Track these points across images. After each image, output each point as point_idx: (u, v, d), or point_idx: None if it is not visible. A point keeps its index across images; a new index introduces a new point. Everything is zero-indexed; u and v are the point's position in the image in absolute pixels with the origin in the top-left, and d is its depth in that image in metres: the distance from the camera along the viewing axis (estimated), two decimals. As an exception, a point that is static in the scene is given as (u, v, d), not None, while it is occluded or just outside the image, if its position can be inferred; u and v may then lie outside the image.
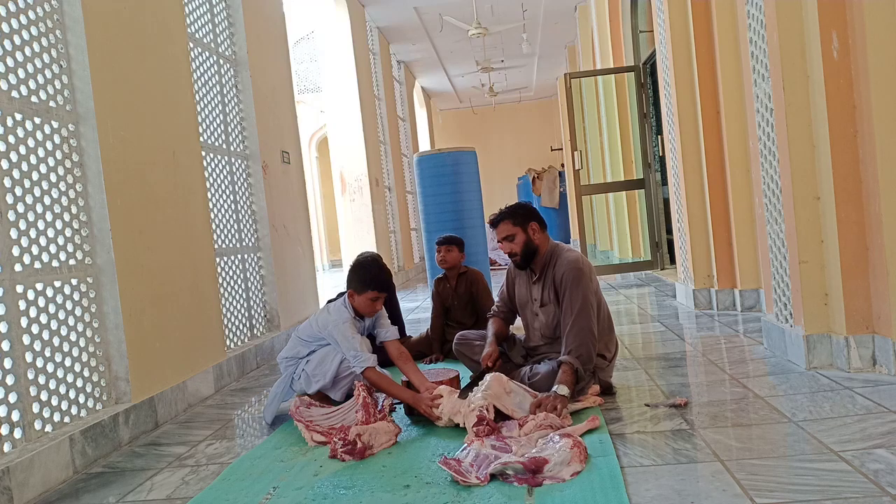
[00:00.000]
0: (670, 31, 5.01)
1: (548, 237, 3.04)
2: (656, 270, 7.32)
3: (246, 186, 4.86)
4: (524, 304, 3.13)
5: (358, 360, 2.89)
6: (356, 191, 9.65)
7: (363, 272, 3.04)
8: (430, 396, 2.74)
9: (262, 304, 4.94)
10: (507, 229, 2.98)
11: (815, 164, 3.05)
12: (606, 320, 3.00)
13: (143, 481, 2.48)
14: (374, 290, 2.99)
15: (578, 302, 2.80)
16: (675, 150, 5.21)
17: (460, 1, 9.77)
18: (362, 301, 3.01)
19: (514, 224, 2.97)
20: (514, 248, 2.97)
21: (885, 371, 2.85)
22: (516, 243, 2.97)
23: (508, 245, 2.98)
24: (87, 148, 3.02)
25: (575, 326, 2.78)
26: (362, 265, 3.08)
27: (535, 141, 19.28)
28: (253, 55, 5.05)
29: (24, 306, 2.59)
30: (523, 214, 3.00)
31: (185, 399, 3.52)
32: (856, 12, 2.83)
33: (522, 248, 2.97)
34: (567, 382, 2.67)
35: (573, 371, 2.71)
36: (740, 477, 1.96)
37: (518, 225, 2.97)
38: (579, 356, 2.74)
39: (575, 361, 2.72)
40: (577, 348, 2.75)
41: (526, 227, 2.97)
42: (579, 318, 2.79)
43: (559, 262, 2.93)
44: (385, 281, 3.04)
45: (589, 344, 2.78)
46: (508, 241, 2.97)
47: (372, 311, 3.04)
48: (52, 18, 2.92)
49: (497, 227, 3.00)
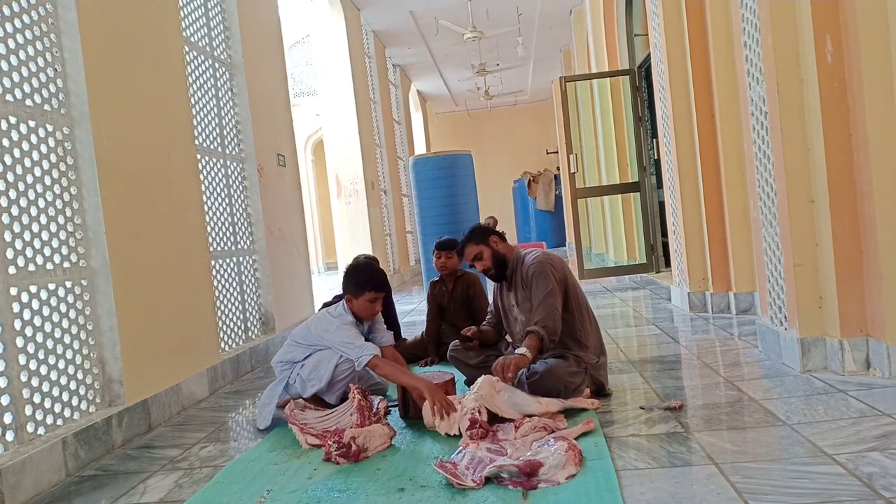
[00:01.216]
0: (665, 35, 5.03)
1: (510, 245, 3.18)
2: (651, 273, 7.33)
3: (241, 189, 4.86)
4: (507, 313, 3.23)
5: (362, 350, 2.88)
6: (352, 194, 9.65)
7: (358, 275, 3.05)
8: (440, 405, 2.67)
9: (257, 306, 4.93)
10: (473, 251, 3.11)
11: (809, 167, 3.06)
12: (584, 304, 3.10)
13: (136, 484, 2.47)
14: (371, 290, 3.00)
15: (544, 289, 2.93)
16: (670, 153, 5.22)
17: (456, 5, 9.79)
18: (361, 303, 3.01)
19: (476, 244, 3.11)
20: (486, 265, 3.10)
21: (879, 374, 2.86)
22: (486, 259, 3.10)
23: (480, 264, 3.11)
24: (81, 151, 3.01)
25: (542, 304, 2.91)
26: (356, 268, 3.10)
27: (530, 144, 19.30)
28: (248, 59, 5.05)
29: (17, 308, 2.58)
30: (481, 232, 3.15)
31: (179, 401, 3.50)
32: (849, 16, 2.84)
33: (493, 262, 3.11)
34: (530, 347, 2.80)
35: (539, 339, 2.83)
36: (735, 480, 1.97)
37: (481, 243, 3.11)
38: (545, 326, 2.86)
39: (541, 330, 2.85)
40: (542, 320, 2.88)
41: (488, 243, 3.11)
42: (546, 298, 2.92)
43: (524, 263, 3.07)
44: (381, 280, 3.05)
45: (555, 318, 2.90)
46: (478, 260, 3.10)
47: (371, 312, 3.03)
48: (46, 22, 2.92)
49: (464, 253, 3.14)
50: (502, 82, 15.65)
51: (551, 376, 2.83)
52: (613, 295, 6.72)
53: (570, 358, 2.93)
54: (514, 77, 15.56)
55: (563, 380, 2.84)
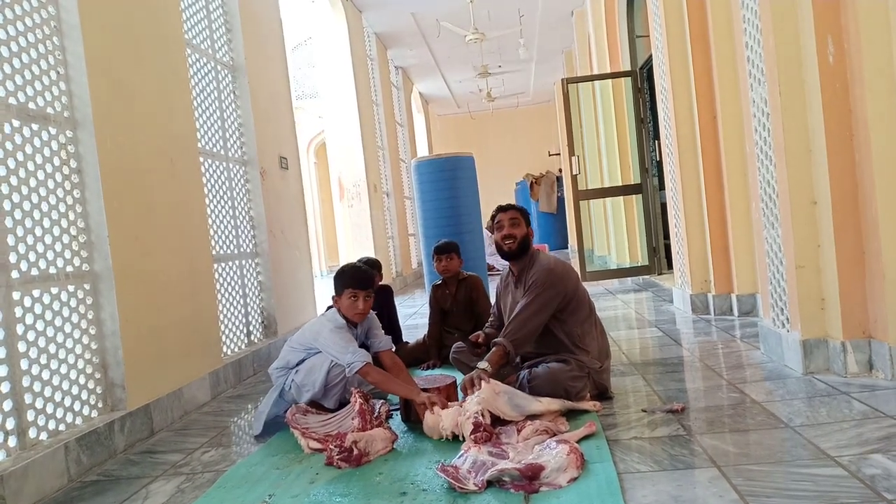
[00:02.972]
0: (667, 36, 5.03)
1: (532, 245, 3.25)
2: (653, 275, 7.32)
3: (244, 192, 4.86)
4: (510, 311, 3.19)
5: (354, 356, 2.88)
6: (354, 196, 9.66)
7: (339, 275, 3.09)
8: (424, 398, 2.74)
9: (260, 310, 4.93)
10: (516, 216, 3.17)
11: (811, 169, 3.06)
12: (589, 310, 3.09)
13: (138, 489, 2.47)
14: (349, 287, 3.01)
15: (536, 305, 2.95)
16: (672, 155, 5.22)
17: (457, 7, 9.79)
18: (344, 303, 3.02)
19: (522, 216, 3.20)
20: (515, 233, 3.13)
21: (881, 376, 2.85)
22: (519, 230, 3.14)
23: (511, 228, 3.12)
24: (84, 154, 3.02)
25: (518, 317, 2.94)
26: (339, 270, 3.13)
27: (532, 146, 19.29)
28: (251, 61, 5.06)
29: (20, 313, 2.58)
30: (527, 217, 3.23)
31: (181, 406, 3.51)
32: (851, 17, 2.84)
33: (522, 238, 3.14)
34: (492, 360, 2.83)
35: (504, 352, 2.86)
36: (737, 482, 1.96)
37: (524, 219, 3.20)
38: (513, 340, 2.89)
39: (508, 344, 2.87)
40: (512, 332, 2.90)
41: (528, 224, 3.21)
42: (531, 316, 2.93)
43: (535, 265, 3.08)
44: (360, 277, 3.05)
45: (527, 333, 2.92)
46: (513, 224, 3.13)
47: (355, 310, 3.02)
48: (49, 25, 2.93)
49: (507, 211, 3.18)
50: (504, 84, 15.66)
51: (552, 380, 2.83)
52: (615, 297, 6.71)
53: (573, 362, 2.92)
54: (516, 79, 15.57)
55: (564, 384, 2.83)
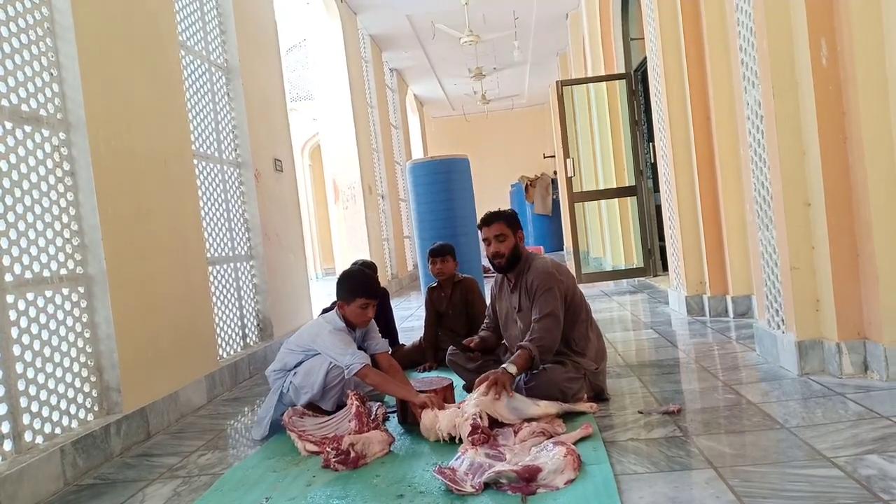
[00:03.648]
0: (661, 39, 5.04)
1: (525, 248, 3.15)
2: (649, 277, 7.33)
3: (238, 195, 4.85)
4: (506, 315, 3.20)
5: (353, 358, 2.87)
6: (349, 198, 9.65)
7: (350, 281, 3.05)
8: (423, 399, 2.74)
9: (255, 312, 4.92)
10: (500, 229, 3.04)
11: (805, 171, 3.07)
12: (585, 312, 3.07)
13: (134, 493, 2.46)
14: (362, 296, 3.00)
15: (549, 307, 2.90)
16: (667, 157, 5.23)
17: (452, 9, 9.79)
18: (353, 310, 3.00)
19: (507, 225, 3.06)
20: (502, 250, 3.03)
21: (876, 377, 2.86)
22: (506, 245, 3.03)
23: (497, 245, 3.03)
24: (78, 156, 3.01)
25: (541, 323, 2.88)
26: (349, 274, 3.11)
27: (527, 148, 19.32)
28: (245, 63, 5.05)
29: (14, 316, 2.57)
30: (515, 222, 3.10)
31: (177, 409, 3.49)
32: (844, 19, 2.85)
33: (510, 252, 3.04)
34: (518, 364, 2.78)
35: (529, 357, 2.82)
36: (733, 483, 1.97)
37: (510, 228, 3.06)
38: (539, 346, 2.83)
39: (534, 349, 2.82)
40: (538, 339, 2.84)
41: (516, 233, 3.07)
42: (548, 318, 2.88)
43: (531, 269, 3.02)
44: (373, 286, 3.04)
45: (552, 339, 2.87)
46: (499, 240, 3.03)
47: (363, 318, 3.02)
48: (42, 26, 2.92)
49: (491, 226, 3.06)
50: (499, 86, 15.67)
51: (549, 382, 2.83)
52: (611, 299, 6.72)
53: (569, 364, 2.93)
54: (511, 81, 15.59)
55: (561, 386, 2.83)
